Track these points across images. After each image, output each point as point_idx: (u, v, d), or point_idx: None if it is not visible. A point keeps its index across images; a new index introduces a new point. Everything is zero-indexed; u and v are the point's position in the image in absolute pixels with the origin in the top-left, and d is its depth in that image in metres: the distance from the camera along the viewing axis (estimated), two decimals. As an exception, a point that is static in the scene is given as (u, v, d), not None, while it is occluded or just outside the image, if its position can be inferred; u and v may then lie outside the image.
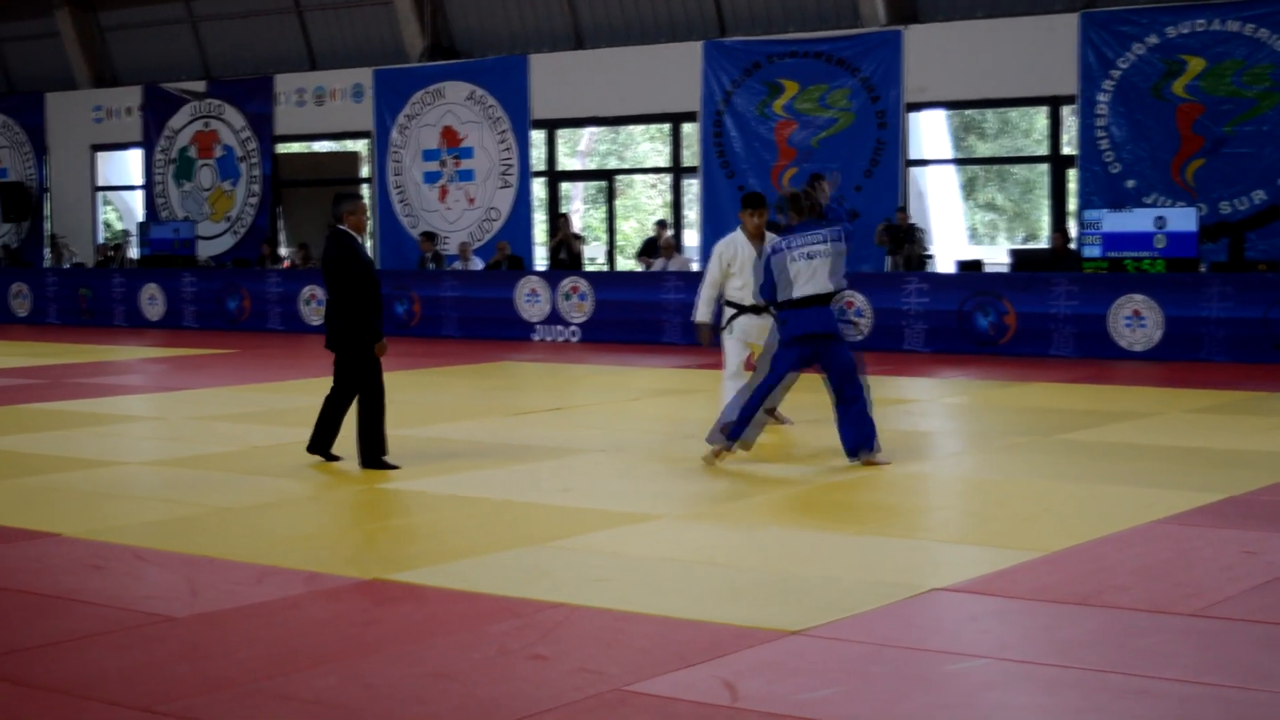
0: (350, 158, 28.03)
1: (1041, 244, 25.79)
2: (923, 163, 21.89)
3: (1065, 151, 21.01)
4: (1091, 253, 18.04)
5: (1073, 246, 19.31)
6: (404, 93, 25.08)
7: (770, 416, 11.98)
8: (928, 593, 6.71)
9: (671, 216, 24.02)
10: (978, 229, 29.11)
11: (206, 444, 11.55)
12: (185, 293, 24.51)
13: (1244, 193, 18.89)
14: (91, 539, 8.02)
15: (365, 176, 26.54)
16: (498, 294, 21.64)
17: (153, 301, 24.85)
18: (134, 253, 27.45)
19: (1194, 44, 19.09)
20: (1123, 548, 7.60)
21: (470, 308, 21.82)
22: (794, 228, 10.35)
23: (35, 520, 8.53)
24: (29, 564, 7.52)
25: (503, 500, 9.06)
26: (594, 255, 28.72)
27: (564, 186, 26.34)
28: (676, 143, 23.91)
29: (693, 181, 23.29)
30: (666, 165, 25.54)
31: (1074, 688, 5.35)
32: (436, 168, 24.94)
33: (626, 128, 30.64)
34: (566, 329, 21.04)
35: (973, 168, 28.16)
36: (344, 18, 26.28)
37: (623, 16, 23.66)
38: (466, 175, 24.64)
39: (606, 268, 25.87)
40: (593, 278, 21.52)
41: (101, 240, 29.04)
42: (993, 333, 18.20)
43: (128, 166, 29.40)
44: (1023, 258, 20.54)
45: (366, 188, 26.23)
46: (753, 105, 22.01)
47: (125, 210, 30.21)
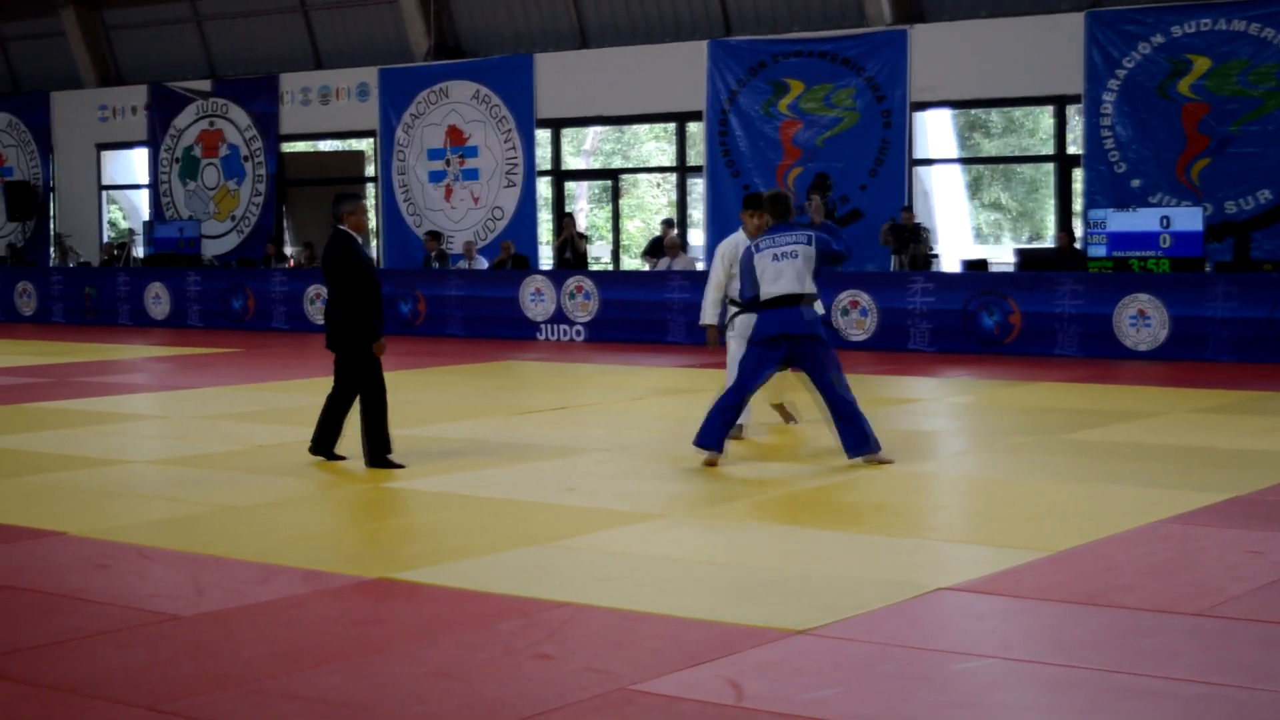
0: (355, 157, 28.05)
1: (1047, 243, 25.75)
2: (928, 162, 21.88)
3: (1070, 151, 21.00)
4: (1097, 252, 18.03)
5: (1078, 246, 19.29)
6: (409, 92, 25.09)
7: (782, 414, 12.03)
8: (933, 592, 6.71)
9: (676, 216, 24.02)
10: (983, 228, 29.09)
11: (211, 443, 11.56)
12: (190, 292, 24.52)
13: (1249, 192, 18.87)
14: (96, 538, 8.03)
15: (370, 176, 26.55)
16: (502, 293, 21.64)
17: (157, 300, 24.86)
18: (139, 252, 27.48)
19: (1199, 43, 19.07)
20: (1128, 547, 7.60)
21: (475, 307, 21.82)
22: (771, 229, 10.31)
23: (40, 519, 8.54)
24: (34, 563, 7.53)
25: (508, 499, 9.06)
26: (599, 255, 28.72)
27: (569, 186, 26.36)
28: (681, 142, 23.91)
29: (698, 181, 23.28)
30: (671, 165, 25.55)
31: (1079, 687, 5.35)
32: (441, 167, 24.95)
33: (631, 127, 30.66)
34: (571, 328, 21.04)
35: (978, 167, 28.14)
36: (349, 17, 26.28)
37: (628, 16, 23.66)
38: (471, 174, 24.65)
39: (611, 267, 25.87)
40: (597, 277, 21.52)
41: (107, 239, 29.06)
42: (998, 332, 18.19)
43: (133, 165, 29.42)
44: (1028, 257, 20.53)
45: (371, 187, 26.24)
46: (758, 104, 22.00)
47: (130, 209, 30.22)
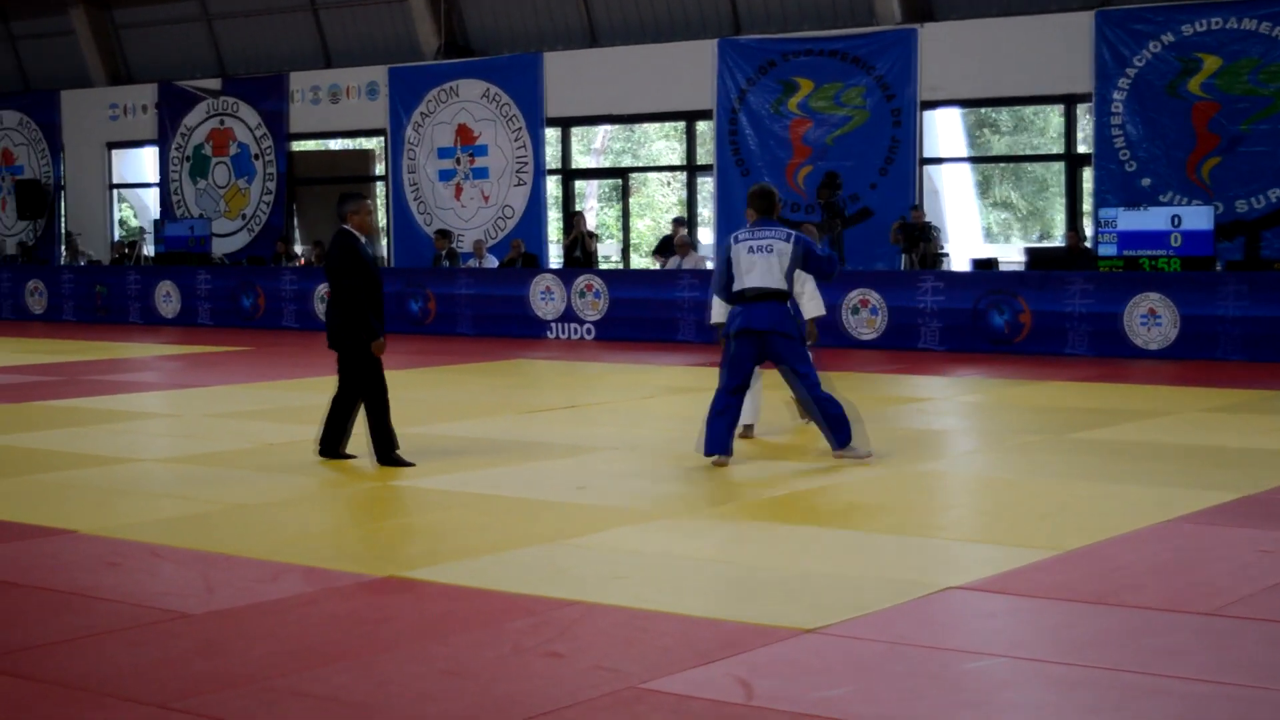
0: (365, 155, 28.07)
1: (1056, 242, 25.74)
2: (937, 161, 21.87)
3: (1080, 150, 20.98)
4: (1107, 251, 18.00)
5: (1088, 245, 19.27)
6: (418, 90, 25.10)
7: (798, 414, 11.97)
8: (942, 591, 6.70)
9: (686, 214, 24.01)
10: (992, 227, 29.07)
11: (221, 441, 11.58)
12: (200, 290, 24.55)
13: (1260, 191, 18.84)
14: (107, 536, 8.04)
15: (380, 174, 26.56)
16: (512, 292, 21.65)
17: (167, 299, 24.89)
18: (149, 250, 27.52)
19: (1210, 42, 19.04)
20: (1138, 547, 7.59)
21: (485, 305, 21.83)
22: (754, 223, 10.28)
23: (51, 517, 8.55)
24: (45, 561, 7.54)
25: (517, 498, 9.06)
26: (608, 253, 28.72)
27: (578, 184, 26.38)
28: (691, 141, 23.91)
29: (707, 179, 23.28)
30: (681, 163, 25.54)
31: (1088, 687, 5.34)
32: (451, 165, 24.96)
33: (641, 125, 30.65)
34: (581, 327, 21.04)
35: (988, 166, 28.11)
36: (359, 15, 26.30)
37: (637, 14, 23.65)
38: (481, 173, 24.66)
39: (621, 266, 25.88)
40: (607, 276, 21.52)
41: (117, 238, 29.10)
42: (1007, 331, 18.17)
43: (143, 164, 29.47)
44: (1038, 256, 20.51)
45: (381, 186, 26.27)
46: (767, 103, 21.99)
47: (140, 208, 30.27)
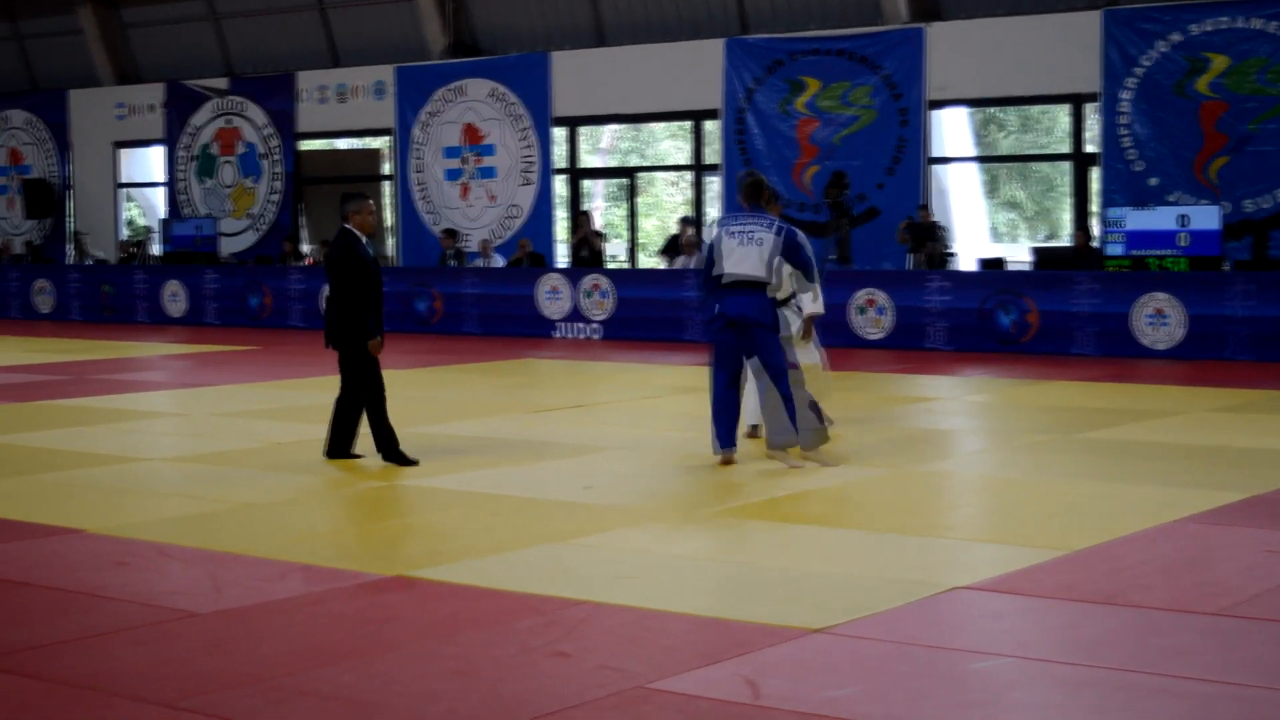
0: (372, 155, 28.07)
1: (1064, 242, 25.68)
2: (944, 160, 21.84)
3: (1088, 149, 20.94)
4: (1114, 251, 17.99)
5: (1095, 244, 19.25)
6: (426, 90, 25.11)
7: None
8: (949, 591, 6.70)
9: (693, 214, 24.00)
10: (999, 227, 29.02)
11: (228, 440, 11.59)
12: (207, 289, 24.57)
13: (1267, 191, 18.81)
14: (114, 535, 8.05)
15: (387, 173, 26.57)
16: (519, 291, 21.65)
17: (175, 298, 24.92)
18: (156, 249, 27.53)
19: (1217, 41, 19.01)
20: (1145, 547, 7.58)
21: (491, 305, 21.84)
22: (745, 212, 10.21)
23: (58, 516, 8.56)
24: (52, 560, 7.55)
25: (524, 497, 9.06)
26: (615, 253, 28.70)
27: (585, 184, 26.35)
28: (698, 140, 23.90)
29: (714, 179, 23.27)
30: (688, 163, 25.52)
31: (1096, 687, 5.34)
32: (458, 165, 24.96)
33: (648, 125, 30.60)
34: (588, 326, 21.05)
35: (995, 165, 28.08)
36: (366, 14, 26.31)
37: (645, 14, 23.65)
38: (488, 172, 24.66)
39: (628, 265, 25.87)
40: (614, 275, 21.52)
41: (124, 237, 29.12)
42: (1014, 331, 18.16)
43: (150, 163, 29.48)
44: (1045, 256, 20.48)
45: (388, 185, 26.27)
46: (775, 103, 21.98)
47: (148, 207, 30.29)
